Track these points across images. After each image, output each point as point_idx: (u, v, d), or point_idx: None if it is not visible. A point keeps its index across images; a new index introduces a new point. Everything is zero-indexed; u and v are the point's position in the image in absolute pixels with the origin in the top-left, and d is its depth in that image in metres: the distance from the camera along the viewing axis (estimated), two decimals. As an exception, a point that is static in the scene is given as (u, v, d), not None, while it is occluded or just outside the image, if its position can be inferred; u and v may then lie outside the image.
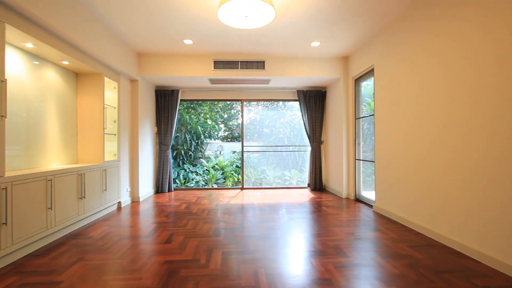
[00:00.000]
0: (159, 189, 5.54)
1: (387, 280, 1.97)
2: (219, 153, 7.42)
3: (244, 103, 6.07)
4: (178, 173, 6.55)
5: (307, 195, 5.19)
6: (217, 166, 7.10)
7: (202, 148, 7.20)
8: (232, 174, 7.10)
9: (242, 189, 5.97)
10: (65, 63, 3.30)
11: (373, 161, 4.11)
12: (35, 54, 2.97)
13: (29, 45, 2.71)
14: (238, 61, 4.78)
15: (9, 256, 2.28)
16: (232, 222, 3.42)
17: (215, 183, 6.81)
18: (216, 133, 7.42)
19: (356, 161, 4.72)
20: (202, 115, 7.32)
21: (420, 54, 2.98)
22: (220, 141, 7.50)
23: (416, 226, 3.04)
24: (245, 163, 6.44)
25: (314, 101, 5.74)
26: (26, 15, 2.41)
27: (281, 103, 6.99)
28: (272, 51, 4.59)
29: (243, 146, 5.99)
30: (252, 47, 4.42)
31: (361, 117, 4.63)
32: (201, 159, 7.09)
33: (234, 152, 7.44)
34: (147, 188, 5.16)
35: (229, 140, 7.54)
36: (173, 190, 5.75)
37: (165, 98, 5.58)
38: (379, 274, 2.05)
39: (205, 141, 7.24)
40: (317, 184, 5.76)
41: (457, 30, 2.49)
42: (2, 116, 2.18)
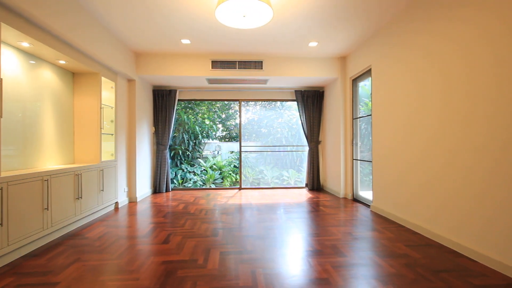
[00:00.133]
0: (156, 189, 5.53)
1: (384, 279, 1.98)
2: (217, 153, 7.42)
3: (242, 103, 6.07)
4: (175, 173, 6.53)
5: (305, 195, 5.20)
6: (215, 166, 7.09)
7: (200, 148, 7.18)
8: (230, 174, 7.09)
9: (240, 189, 5.96)
10: (62, 62, 3.28)
11: (371, 161, 4.13)
12: (31, 53, 2.95)
13: (25, 44, 2.69)
14: (236, 61, 4.77)
15: (5, 257, 2.27)
16: (230, 222, 3.42)
17: (213, 183, 6.80)
18: (214, 133, 7.41)
19: (354, 161, 4.73)
20: (200, 115, 7.31)
21: (417, 55, 3.00)
22: (218, 141, 7.49)
23: (413, 225, 3.05)
24: (243, 163, 6.44)
25: (312, 101, 5.75)
26: (22, 14, 2.39)
27: (279, 103, 7.00)
28: (270, 51, 4.59)
29: (241, 146, 5.99)
30: (250, 47, 4.42)
31: (358, 117, 4.65)
32: (199, 159, 7.08)
33: (232, 152, 7.44)
34: (144, 188, 5.14)
35: (227, 140, 7.53)
36: (170, 190, 5.73)
37: (163, 98, 5.56)
38: (377, 274, 2.06)
39: (203, 141, 7.23)
40: (314, 184, 5.77)
41: (453, 31, 2.51)
42: (-2, 115, 2.16)
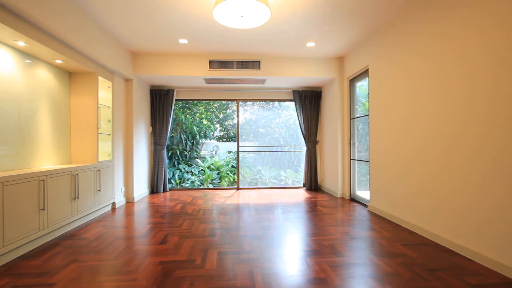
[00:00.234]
0: (154, 189, 5.51)
1: (381, 278, 1.99)
2: (215, 153, 7.41)
3: (240, 103, 6.07)
4: (173, 173, 6.51)
5: (302, 195, 5.21)
6: (212, 166, 7.08)
7: (198, 148, 7.17)
8: (228, 174, 7.09)
9: (238, 189, 5.96)
10: (58, 62, 3.26)
11: (368, 161, 4.14)
12: (27, 52, 2.93)
13: (21, 43, 2.67)
14: (233, 61, 4.77)
15: (1, 257, 2.25)
16: (228, 222, 3.42)
17: (211, 183, 6.79)
18: (211, 133, 7.40)
19: (351, 161, 4.75)
20: (198, 115, 7.29)
21: (414, 55, 3.01)
22: (216, 141, 7.48)
23: (410, 225, 3.07)
24: (240, 163, 6.44)
25: (309, 101, 5.76)
26: (18, 13, 2.37)
27: (276, 103, 7.00)
28: (267, 51, 4.60)
29: (238, 146, 5.98)
30: (248, 47, 4.42)
31: (356, 117, 4.67)
32: (196, 159, 7.07)
33: (229, 152, 7.43)
34: (142, 188, 5.12)
35: (224, 140, 7.53)
36: (168, 190, 5.72)
37: (160, 98, 5.55)
38: (374, 273, 2.07)
39: (200, 141, 7.22)
40: (312, 184, 5.78)
41: (449, 32, 2.53)
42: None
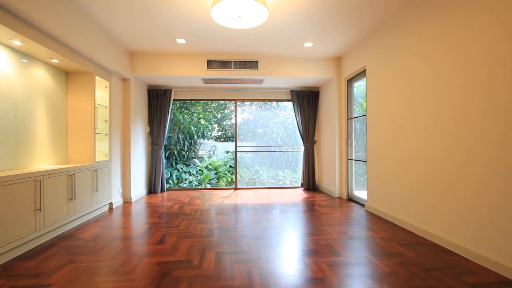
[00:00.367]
0: (151, 189, 5.49)
1: (378, 278, 1.99)
2: (213, 153, 7.39)
3: (238, 103, 6.06)
4: (171, 173, 6.50)
5: (300, 195, 5.21)
6: (210, 166, 7.07)
7: (195, 148, 7.16)
8: (226, 174, 7.08)
9: (236, 189, 5.96)
10: (55, 61, 3.23)
11: (365, 161, 4.16)
12: (23, 51, 2.90)
13: (17, 42, 2.65)
14: (231, 61, 4.77)
15: (-4, 259, 2.23)
16: (226, 222, 3.41)
17: (209, 183, 6.78)
18: (209, 133, 7.39)
19: (349, 161, 4.76)
20: (196, 115, 7.28)
21: (411, 56, 3.02)
22: (214, 141, 7.47)
23: (407, 224, 3.08)
24: (238, 163, 6.43)
25: (307, 101, 5.77)
26: (13, 11, 2.35)
27: (274, 103, 7.01)
28: (265, 51, 4.60)
29: (236, 146, 5.98)
30: (246, 47, 4.42)
31: (353, 117, 4.68)
32: (194, 159, 7.05)
33: (227, 152, 7.42)
34: (139, 188, 5.10)
35: (222, 140, 7.52)
36: (165, 190, 5.70)
37: (158, 98, 5.53)
38: (371, 273, 2.08)
39: (198, 141, 7.20)
40: (310, 184, 5.79)
41: (446, 32, 2.54)
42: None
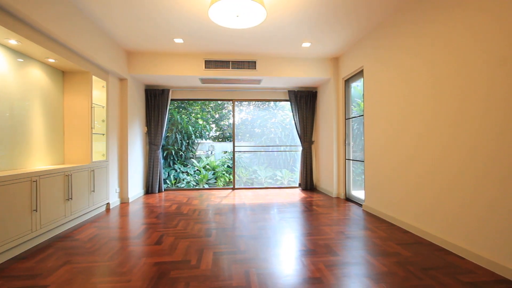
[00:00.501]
0: (149, 189, 5.47)
1: (376, 277, 2.00)
2: (210, 153, 7.38)
3: (236, 103, 6.06)
4: (168, 173, 6.47)
5: (298, 195, 5.22)
6: (208, 166, 7.06)
7: (193, 148, 7.14)
8: (224, 174, 7.07)
9: (234, 189, 5.95)
10: (51, 61, 3.21)
11: (363, 161, 4.17)
12: (19, 51, 2.88)
13: (12, 41, 2.63)
14: (229, 61, 4.76)
15: (-9, 260, 2.21)
16: (223, 222, 3.41)
17: (206, 183, 6.77)
18: (207, 133, 7.38)
19: (346, 161, 4.77)
20: (193, 115, 7.26)
21: (408, 56, 3.04)
22: (211, 141, 7.46)
23: (405, 224, 3.10)
24: (236, 163, 6.43)
25: (305, 101, 5.78)
26: (9, 10, 2.33)
27: (272, 103, 7.01)
28: (263, 51, 4.60)
29: (234, 146, 5.97)
30: (244, 47, 4.41)
31: (351, 117, 4.69)
32: (192, 159, 7.03)
33: (225, 152, 7.41)
34: (136, 188, 5.08)
35: (220, 140, 7.51)
36: (163, 190, 5.68)
37: (155, 98, 5.51)
38: (369, 272, 2.08)
39: (196, 141, 7.19)
40: (308, 184, 5.80)
41: (444, 32, 2.55)
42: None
